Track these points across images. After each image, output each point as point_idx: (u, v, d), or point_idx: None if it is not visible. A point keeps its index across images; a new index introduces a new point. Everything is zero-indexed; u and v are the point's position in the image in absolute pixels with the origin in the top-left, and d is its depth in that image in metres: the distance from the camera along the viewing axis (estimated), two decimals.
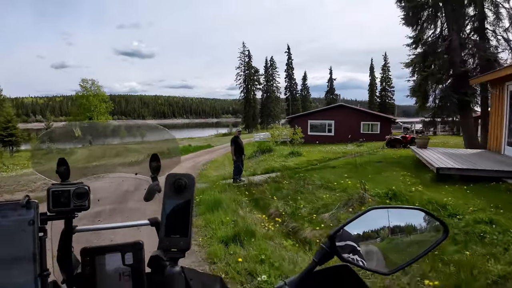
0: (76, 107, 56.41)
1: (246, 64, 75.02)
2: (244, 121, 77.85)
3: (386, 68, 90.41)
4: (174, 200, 0.78)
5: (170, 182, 0.79)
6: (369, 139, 32.14)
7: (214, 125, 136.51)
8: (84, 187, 0.92)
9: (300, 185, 9.82)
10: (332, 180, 10.09)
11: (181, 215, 0.78)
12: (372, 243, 0.82)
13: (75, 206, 0.91)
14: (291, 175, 11.74)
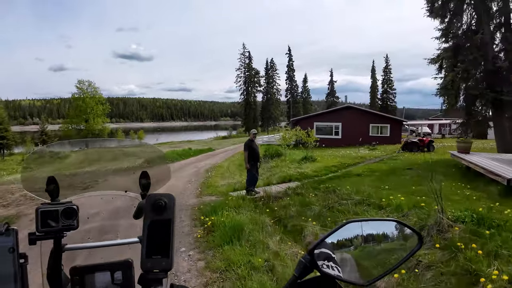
0: (72, 109, 54.75)
1: (246, 65, 73.25)
2: (244, 124, 75.94)
3: (387, 70, 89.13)
4: (155, 221, 0.79)
5: (150, 203, 0.80)
6: (378, 141, 30.55)
7: (212, 128, 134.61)
8: (72, 207, 0.93)
9: (332, 199, 7.99)
10: (370, 193, 8.27)
11: (162, 236, 0.78)
12: (347, 252, 0.83)
13: (64, 225, 0.91)
14: (314, 186, 9.92)
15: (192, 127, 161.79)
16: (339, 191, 8.83)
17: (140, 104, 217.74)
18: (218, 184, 11.35)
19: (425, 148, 22.03)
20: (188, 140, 55.82)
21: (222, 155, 25.81)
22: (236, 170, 16.00)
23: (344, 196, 8.25)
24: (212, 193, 9.74)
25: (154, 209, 0.80)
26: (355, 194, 8.26)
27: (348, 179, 11.16)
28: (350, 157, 18.03)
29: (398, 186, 9.46)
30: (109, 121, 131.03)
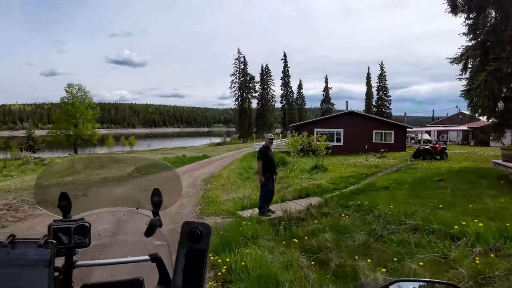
0: (61, 114, 52.56)
1: (241, 71, 71.62)
2: (238, 130, 74.14)
3: (382, 77, 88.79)
4: (189, 250, 0.78)
5: (185, 231, 0.79)
6: (382, 149, 29.02)
7: (205, 134, 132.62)
8: (85, 224, 0.93)
9: (377, 224, 6.18)
10: (423, 214, 6.49)
11: (195, 266, 0.78)
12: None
13: (76, 243, 0.91)
14: (340, 202, 8.10)
15: (184, 133, 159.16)
16: (379, 211, 7.03)
17: (132, 110, 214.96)
18: (221, 199, 9.43)
19: (438, 156, 20.55)
20: (181, 146, 53.71)
21: (218, 163, 23.90)
22: (238, 181, 14.14)
23: (389, 218, 6.44)
24: (216, 213, 7.82)
25: (189, 238, 0.79)
26: (403, 216, 6.45)
27: (376, 194, 9.37)
28: (363, 166, 16.29)
29: (445, 203, 7.68)
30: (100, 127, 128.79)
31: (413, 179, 11.61)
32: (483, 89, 11.87)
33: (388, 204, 7.75)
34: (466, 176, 11.76)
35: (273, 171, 7.61)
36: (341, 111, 46.59)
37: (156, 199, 1.03)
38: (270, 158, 7.49)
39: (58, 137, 50.21)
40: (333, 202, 8.13)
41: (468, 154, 23.28)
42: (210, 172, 17.84)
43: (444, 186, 10.03)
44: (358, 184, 11.40)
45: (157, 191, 1.04)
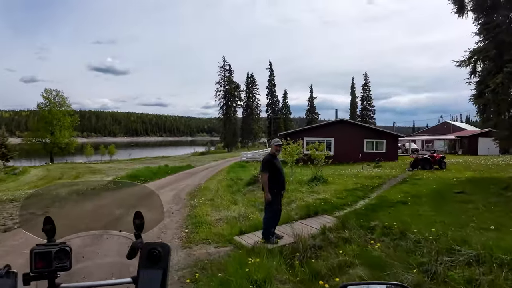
0: (37, 121, 49.74)
1: (226, 79, 70.20)
2: (223, 139, 72.33)
3: (366, 87, 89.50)
4: (149, 271, 0.81)
5: (145, 252, 0.83)
6: (373, 158, 28.00)
7: (188, 143, 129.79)
8: (65, 248, 0.95)
9: (425, 255, 4.68)
10: (471, 236, 5.05)
11: (156, 286, 0.79)
12: None
13: (57, 266, 0.93)
14: (359, 223, 6.58)
15: (167, 142, 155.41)
16: (416, 235, 5.54)
17: (114, 118, 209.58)
18: (211, 219, 7.71)
19: (436, 165, 19.56)
20: (163, 156, 51.47)
21: (204, 173, 22.15)
22: (228, 194, 12.46)
23: (435, 246, 4.95)
24: (207, 238, 6.10)
25: (149, 259, 0.82)
26: (451, 241, 4.98)
27: (396, 210, 7.93)
28: (364, 177, 14.91)
29: (488, 222, 6.28)
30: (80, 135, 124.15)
31: (428, 192, 10.25)
32: (501, 92, 10.72)
33: (419, 224, 6.32)
34: (486, 188, 10.51)
35: (282, 187, 6.01)
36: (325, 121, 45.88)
37: (138, 221, 1.02)
38: (278, 170, 5.90)
39: (34, 145, 47.36)
40: (351, 222, 6.59)
41: (466, 164, 22.39)
42: (196, 184, 16.09)
43: (471, 200, 8.70)
44: (368, 198, 9.95)
45: (139, 213, 1.04)
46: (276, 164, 5.91)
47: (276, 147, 6.05)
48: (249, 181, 14.96)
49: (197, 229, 6.83)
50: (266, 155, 6.23)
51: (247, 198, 11.36)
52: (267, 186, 5.77)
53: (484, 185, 11.28)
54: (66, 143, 48.00)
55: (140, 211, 1.06)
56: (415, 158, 20.08)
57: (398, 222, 6.52)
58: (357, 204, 9.09)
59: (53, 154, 47.71)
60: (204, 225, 7.13)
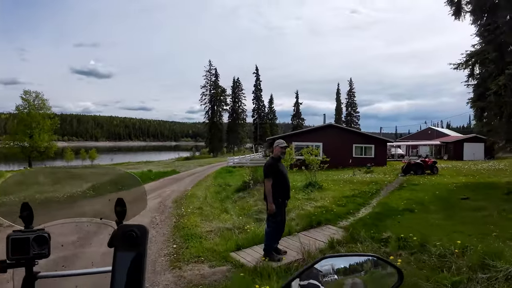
0: (15, 124, 47.41)
1: (212, 83, 69.16)
2: (208, 144, 71.07)
3: (351, 94, 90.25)
4: (126, 253, 0.76)
5: (120, 234, 0.77)
6: (362, 163, 27.65)
7: (172, 148, 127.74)
8: (43, 235, 0.91)
9: (454, 273, 3.99)
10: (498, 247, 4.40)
11: (133, 268, 0.76)
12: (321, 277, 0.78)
13: (35, 253, 0.89)
14: (369, 234, 5.87)
15: (150, 147, 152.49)
16: (438, 248, 4.87)
17: (96, 122, 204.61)
18: (202, 231, 6.82)
19: (428, 170, 19.25)
20: (147, 160, 49.91)
21: (190, 179, 21.14)
22: (217, 202, 11.61)
23: (466, 260, 4.28)
24: (199, 256, 5.21)
25: (124, 241, 0.77)
26: (483, 254, 4.31)
27: (404, 219, 7.28)
28: (360, 183, 14.33)
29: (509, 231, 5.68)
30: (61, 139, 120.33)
31: (432, 199, 9.69)
32: (504, 94, 10.32)
33: (435, 235, 5.68)
34: (488, 194, 10.04)
35: (287, 195, 5.21)
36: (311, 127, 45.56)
37: (119, 209, 0.99)
38: (283, 176, 5.09)
39: (12, 149, 45.02)
40: (361, 234, 5.86)
41: (456, 168, 22.20)
42: (182, 190, 15.12)
43: (480, 207, 8.14)
44: (369, 206, 9.29)
45: (120, 201, 1.00)
46: (281, 169, 5.11)
47: (281, 150, 5.21)
48: (239, 187, 14.14)
49: (187, 244, 5.94)
50: (269, 159, 5.44)
51: (238, 206, 10.54)
52: (271, 194, 4.96)
53: (484, 190, 10.83)
54: (45, 147, 45.82)
55: (122, 198, 1.01)
56: (407, 163, 19.70)
57: (412, 232, 5.85)
58: (359, 212, 8.41)
59: (32, 158, 45.57)
60: (194, 238, 6.24)
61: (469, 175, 17.33)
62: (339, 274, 0.79)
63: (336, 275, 0.79)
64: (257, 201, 10.50)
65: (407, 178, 16.68)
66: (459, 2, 12.87)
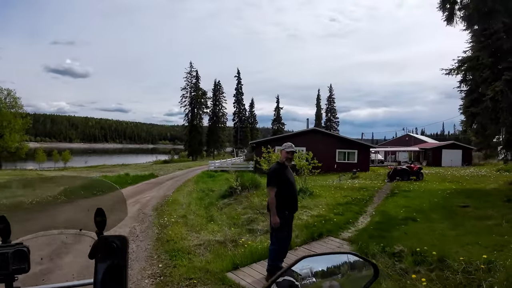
0: None
1: (193, 85, 67.79)
2: (188, 147, 69.45)
3: (331, 100, 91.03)
4: (107, 264, 0.75)
5: (101, 245, 0.76)
6: (346, 168, 27.53)
7: (150, 151, 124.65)
8: (23, 249, 0.88)
9: None
10: None
11: (115, 279, 0.74)
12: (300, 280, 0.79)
13: (14, 269, 0.86)
14: (379, 248, 5.27)
15: (127, 149, 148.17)
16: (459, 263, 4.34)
17: (70, 122, 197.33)
18: (190, 245, 5.99)
19: (414, 176, 19.15)
20: (123, 163, 48.03)
21: (170, 184, 20.12)
22: (201, 209, 10.78)
23: (497, 277, 3.75)
24: (190, 278, 4.41)
25: (105, 252, 0.75)
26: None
27: (409, 229, 6.74)
28: (350, 189, 13.87)
29: None
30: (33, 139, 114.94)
31: (431, 206, 9.27)
32: (501, 100, 10.09)
33: (448, 247, 5.19)
34: (484, 201, 9.74)
35: (294, 206, 4.51)
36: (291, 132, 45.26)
37: (99, 219, 0.96)
38: (290, 184, 4.40)
39: None
40: (370, 248, 5.25)
41: (440, 175, 22.26)
42: (162, 196, 14.17)
43: (484, 215, 7.75)
44: (366, 214, 8.75)
45: (100, 211, 0.97)
46: (287, 176, 4.41)
47: (287, 154, 4.48)
48: (224, 193, 13.34)
49: (174, 261, 5.09)
50: (274, 164, 4.73)
51: (226, 214, 9.76)
52: (275, 206, 4.24)
53: (480, 197, 10.56)
54: (16, 148, 43.42)
55: (101, 208, 0.98)
56: (393, 169, 19.53)
57: (424, 244, 5.33)
58: (358, 222, 7.84)
59: (2, 159, 43.04)
60: (181, 254, 5.41)
61: (455, 181, 17.28)
62: (317, 277, 0.80)
63: (314, 277, 0.79)
64: (246, 209, 9.76)
65: (395, 184, 16.42)
66: (452, 7, 12.70)
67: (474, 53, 12.06)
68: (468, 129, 13.64)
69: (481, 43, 11.18)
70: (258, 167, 18.25)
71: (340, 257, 0.90)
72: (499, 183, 14.55)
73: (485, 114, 11.19)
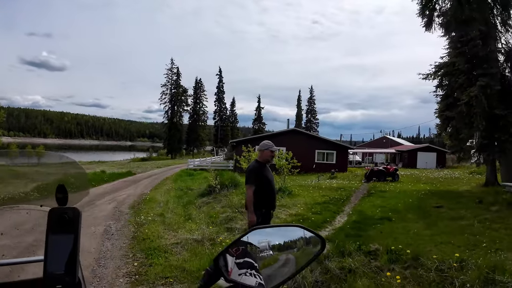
0: None
1: (174, 82, 66.82)
2: (167, 145, 68.42)
3: (312, 101, 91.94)
4: (58, 236, 0.74)
5: (53, 217, 0.75)
6: (325, 169, 27.92)
7: (128, 148, 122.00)
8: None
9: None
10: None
11: (67, 251, 0.73)
12: (256, 261, 0.81)
13: None
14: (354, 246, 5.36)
15: (104, 146, 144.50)
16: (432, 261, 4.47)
17: (45, 117, 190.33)
18: (167, 243, 5.88)
19: (390, 177, 19.65)
20: (99, 160, 46.75)
21: (147, 182, 19.79)
22: (179, 208, 10.65)
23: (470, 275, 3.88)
24: (167, 276, 4.31)
25: (58, 224, 0.74)
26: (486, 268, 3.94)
27: (385, 228, 6.92)
28: (328, 189, 14.08)
29: (496, 241, 5.48)
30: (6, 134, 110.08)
31: (405, 206, 9.55)
32: (475, 106, 10.50)
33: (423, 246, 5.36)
34: (457, 202, 10.09)
35: (272, 205, 4.51)
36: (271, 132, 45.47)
37: (60, 195, 0.92)
38: (268, 182, 4.39)
39: None
40: (347, 247, 5.32)
41: (415, 176, 22.93)
42: (139, 194, 13.90)
43: (456, 215, 8.04)
44: (344, 213, 8.90)
45: (61, 187, 0.94)
46: (265, 174, 4.40)
47: (268, 154, 4.45)
48: (203, 192, 13.25)
49: (150, 260, 4.99)
50: (252, 162, 4.69)
51: (204, 212, 9.69)
52: (252, 204, 4.23)
53: (453, 198, 10.93)
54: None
55: (63, 184, 0.94)
56: (370, 170, 19.97)
57: (399, 243, 5.47)
58: (336, 221, 7.96)
59: None
60: (158, 252, 5.31)
61: (429, 183, 17.82)
62: (274, 250, 0.83)
63: (272, 251, 0.83)
64: (225, 208, 9.72)
65: (372, 184, 16.78)
66: (431, 14, 13.10)
67: (450, 59, 12.51)
68: (443, 133, 14.09)
69: (458, 49, 11.61)
70: (238, 166, 18.23)
71: (289, 230, 0.93)
72: (471, 185, 15.12)
73: (460, 118, 11.63)
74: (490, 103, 10.75)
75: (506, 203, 8.67)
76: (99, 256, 5.22)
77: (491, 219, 7.23)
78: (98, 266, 4.75)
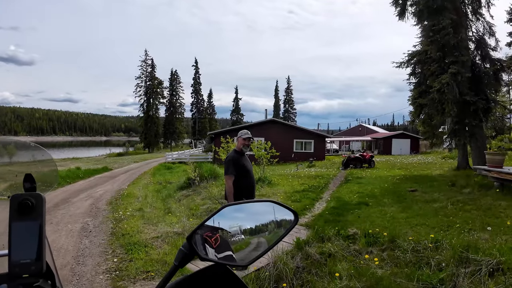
0: None
1: (148, 74, 65.25)
2: (143, 139, 67.05)
3: (289, 91, 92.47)
4: (22, 223, 0.72)
5: (15, 204, 0.73)
6: (303, 158, 28.30)
7: (103, 143, 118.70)
8: None
9: (434, 270, 3.69)
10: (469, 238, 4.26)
11: (32, 238, 0.72)
12: (228, 236, 0.83)
13: None
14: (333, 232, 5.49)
15: (78, 142, 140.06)
16: (409, 242, 4.65)
17: (15, 114, 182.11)
18: (147, 238, 5.82)
19: (366, 164, 20.16)
20: (74, 157, 45.29)
21: (124, 177, 19.39)
22: (158, 202, 10.54)
23: (444, 255, 4.07)
24: (148, 271, 4.27)
25: (21, 211, 0.72)
26: (460, 247, 4.12)
27: (362, 213, 7.11)
28: (306, 177, 14.25)
29: (468, 222, 5.74)
30: None
31: (381, 191, 9.81)
32: (447, 92, 10.85)
33: (399, 228, 5.54)
34: (431, 185, 10.47)
35: (251, 193, 4.53)
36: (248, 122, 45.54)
37: (28, 185, 0.86)
38: (247, 172, 4.41)
39: None
40: (326, 232, 5.44)
41: (390, 162, 23.58)
42: (116, 189, 13.61)
43: (430, 198, 8.35)
44: (323, 200, 9.06)
45: (29, 176, 0.88)
46: (244, 164, 4.41)
47: (244, 142, 4.50)
48: (182, 185, 13.13)
49: (130, 255, 4.93)
50: (230, 152, 4.68)
51: (184, 205, 9.62)
52: (232, 194, 4.24)
53: (427, 182, 11.31)
54: None
55: (31, 173, 0.88)
56: (347, 158, 20.35)
57: (376, 227, 5.65)
58: (315, 208, 8.10)
59: None
60: (138, 247, 5.24)
61: (403, 168, 18.38)
62: (246, 234, 0.85)
63: (243, 235, 0.84)
64: (205, 200, 9.69)
65: (349, 171, 17.15)
66: (404, 3, 13.34)
67: (423, 47, 12.83)
68: (416, 120, 14.51)
69: (430, 38, 11.92)
70: (217, 157, 18.16)
71: (261, 205, 0.93)
72: (444, 169, 15.70)
73: (432, 105, 12.02)
74: (461, 90, 11.15)
75: (477, 185, 9.07)
76: (77, 254, 5.10)
77: (463, 201, 7.55)
78: (77, 264, 4.64)
